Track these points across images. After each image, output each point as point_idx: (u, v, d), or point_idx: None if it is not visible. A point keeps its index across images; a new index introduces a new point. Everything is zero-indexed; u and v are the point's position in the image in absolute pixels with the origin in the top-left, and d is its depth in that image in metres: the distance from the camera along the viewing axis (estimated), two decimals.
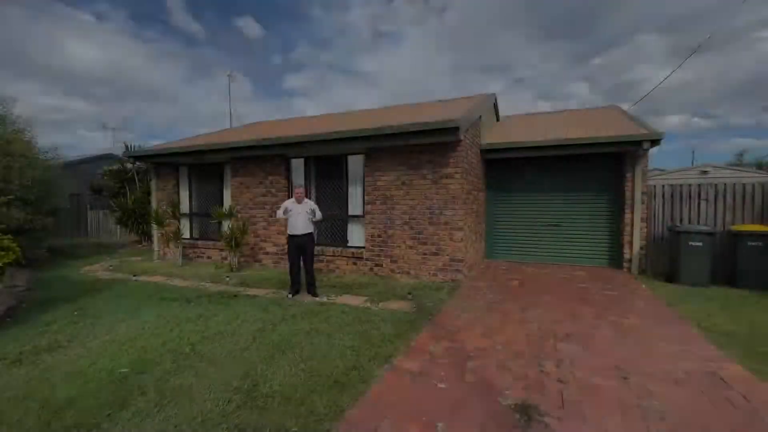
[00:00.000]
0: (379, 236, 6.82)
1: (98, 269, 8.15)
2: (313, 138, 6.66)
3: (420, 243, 6.49)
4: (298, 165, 7.78)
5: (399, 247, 6.66)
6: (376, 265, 6.87)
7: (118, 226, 12.66)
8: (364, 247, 7.06)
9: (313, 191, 7.68)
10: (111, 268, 8.21)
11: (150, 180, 9.78)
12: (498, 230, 8.53)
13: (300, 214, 5.52)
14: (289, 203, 5.62)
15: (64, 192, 9.30)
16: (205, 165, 8.89)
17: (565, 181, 7.94)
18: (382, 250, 6.81)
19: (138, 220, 10.75)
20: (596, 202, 7.73)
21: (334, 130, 6.65)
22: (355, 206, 7.25)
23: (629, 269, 7.17)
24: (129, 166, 11.81)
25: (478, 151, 7.55)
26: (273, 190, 7.86)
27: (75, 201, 13.98)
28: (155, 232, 9.32)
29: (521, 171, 8.26)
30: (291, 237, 5.59)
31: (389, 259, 6.75)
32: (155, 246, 9.46)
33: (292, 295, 5.54)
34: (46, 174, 8.63)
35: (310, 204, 5.67)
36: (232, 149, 7.69)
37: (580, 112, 10.56)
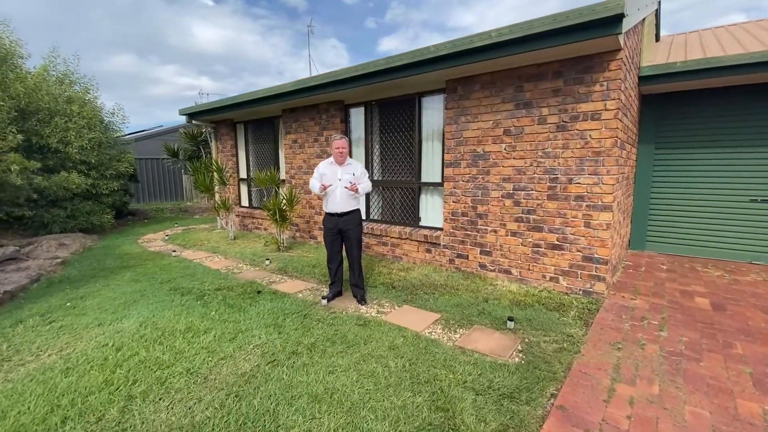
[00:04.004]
0: (465, 214, 4.61)
1: (157, 238, 7.58)
2: (373, 68, 4.58)
3: (531, 228, 4.11)
4: (357, 115, 5.86)
5: (495, 231, 4.38)
6: (459, 256, 4.71)
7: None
8: (441, 229, 4.94)
9: (376, 149, 5.72)
10: (167, 237, 7.57)
11: (211, 141, 8.93)
12: (655, 207, 5.55)
13: (340, 182, 3.64)
14: (325, 165, 3.76)
15: (130, 155, 8.84)
16: (260, 121, 7.56)
17: None
18: (468, 234, 4.61)
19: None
20: None
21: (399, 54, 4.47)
22: (430, 170, 5.09)
23: None
24: (204, 128, 11.28)
25: (636, 80, 4.62)
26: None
27: (164, 166, 14.43)
28: (216, 198, 8.51)
29: (701, 113, 5.05)
30: (328, 216, 3.76)
31: (479, 250, 4.53)
32: (218, 214, 8.68)
33: (328, 300, 3.78)
34: (108, 136, 8.21)
35: (354, 167, 3.74)
36: (280, 95, 6.04)
37: None
